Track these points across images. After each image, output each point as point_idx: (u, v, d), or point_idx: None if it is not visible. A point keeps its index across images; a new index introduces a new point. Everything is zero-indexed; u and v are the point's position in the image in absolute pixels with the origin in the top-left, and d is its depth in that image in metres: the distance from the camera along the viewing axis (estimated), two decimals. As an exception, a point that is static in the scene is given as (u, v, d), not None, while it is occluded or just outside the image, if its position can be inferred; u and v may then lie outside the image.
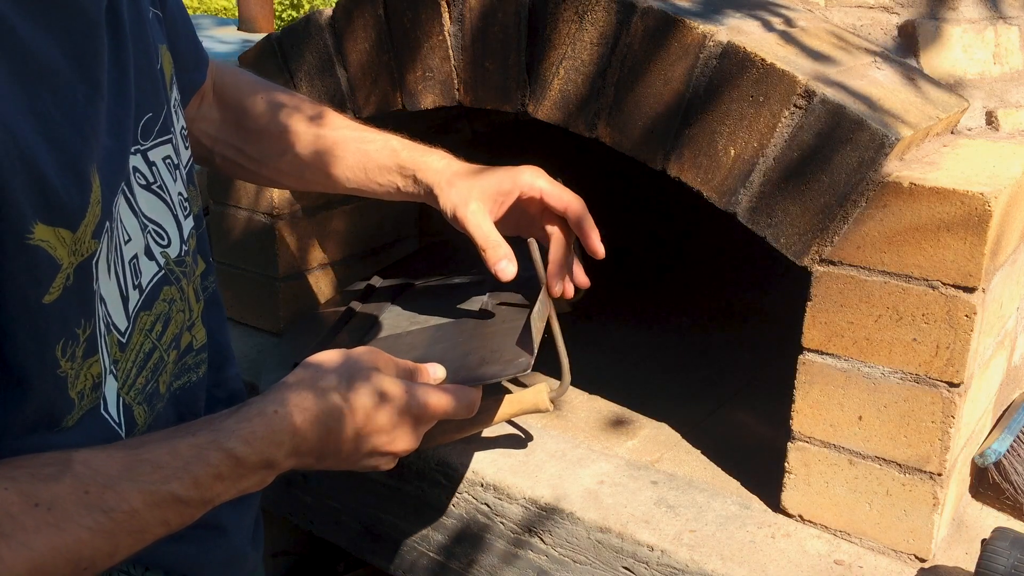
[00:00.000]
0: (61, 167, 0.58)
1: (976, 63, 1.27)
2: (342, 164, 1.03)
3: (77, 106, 0.61)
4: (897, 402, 0.98)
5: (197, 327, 0.81)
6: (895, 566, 1.01)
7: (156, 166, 0.75)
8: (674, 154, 1.08)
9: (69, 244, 0.59)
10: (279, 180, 1.09)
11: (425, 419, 0.82)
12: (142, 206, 0.73)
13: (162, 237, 0.75)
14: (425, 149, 1.04)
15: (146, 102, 0.73)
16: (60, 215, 0.58)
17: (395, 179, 1.04)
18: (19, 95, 0.56)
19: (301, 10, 7.27)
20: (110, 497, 0.59)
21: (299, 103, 1.05)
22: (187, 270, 0.79)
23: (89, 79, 0.62)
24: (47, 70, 0.58)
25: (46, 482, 0.57)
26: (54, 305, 0.59)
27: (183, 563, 0.77)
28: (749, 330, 1.65)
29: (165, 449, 0.64)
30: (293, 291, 1.55)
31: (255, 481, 0.71)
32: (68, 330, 0.61)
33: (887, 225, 0.95)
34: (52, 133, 0.58)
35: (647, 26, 1.07)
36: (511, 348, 0.99)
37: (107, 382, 0.67)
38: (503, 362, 0.96)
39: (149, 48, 0.74)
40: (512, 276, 1.00)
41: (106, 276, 0.66)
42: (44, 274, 0.58)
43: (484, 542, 1.21)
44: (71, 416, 0.64)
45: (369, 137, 1.04)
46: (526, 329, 1.00)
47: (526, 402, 1.09)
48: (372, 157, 1.03)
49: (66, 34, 0.60)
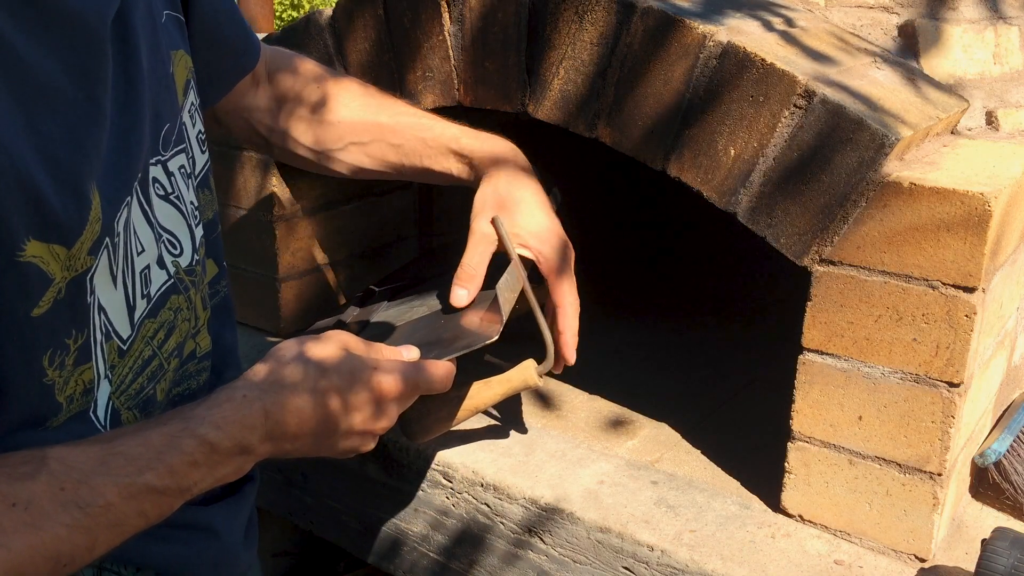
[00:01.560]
0: (59, 185, 0.58)
1: (976, 63, 1.27)
2: (399, 152, 1.04)
3: (78, 123, 0.60)
4: (897, 402, 0.98)
5: (202, 335, 0.81)
6: (895, 566, 1.01)
7: (174, 176, 0.75)
8: (674, 154, 1.08)
9: (63, 260, 0.59)
10: (336, 169, 1.09)
11: (397, 394, 0.81)
12: (159, 216, 0.73)
13: (175, 246, 0.75)
14: (486, 136, 1.05)
15: (163, 112, 0.72)
16: (56, 232, 0.58)
17: (451, 164, 1.05)
18: (17, 114, 0.56)
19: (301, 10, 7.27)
20: (85, 492, 0.59)
21: (354, 90, 1.04)
22: (196, 279, 0.79)
23: (91, 96, 0.62)
24: (47, 88, 0.58)
25: (22, 481, 0.57)
26: (42, 318, 0.59)
27: (174, 564, 0.76)
28: (749, 330, 1.65)
29: (138, 440, 0.64)
30: (293, 291, 1.55)
31: (232, 468, 0.70)
32: (57, 341, 0.61)
33: (887, 225, 0.95)
34: (50, 151, 0.57)
35: (647, 26, 1.07)
36: (480, 321, 0.99)
37: (100, 386, 0.67)
38: (473, 334, 0.96)
39: (163, 55, 0.73)
40: (462, 304, 1.03)
41: (110, 287, 0.66)
42: (34, 288, 0.58)
43: (484, 542, 1.21)
44: (57, 418, 0.64)
45: (427, 124, 1.05)
46: (494, 300, 1.00)
47: (515, 380, 1.09)
48: (429, 144, 1.04)
49: (68, 51, 0.59)
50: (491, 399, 1.11)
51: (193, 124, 0.80)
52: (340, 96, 1.03)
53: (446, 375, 0.88)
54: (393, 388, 0.79)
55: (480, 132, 1.06)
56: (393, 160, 1.05)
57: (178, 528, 0.75)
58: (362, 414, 0.78)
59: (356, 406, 0.77)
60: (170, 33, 0.76)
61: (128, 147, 0.67)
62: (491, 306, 1.01)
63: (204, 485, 0.68)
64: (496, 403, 1.12)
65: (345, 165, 1.08)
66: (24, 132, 0.56)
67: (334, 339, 0.80)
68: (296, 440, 0.74)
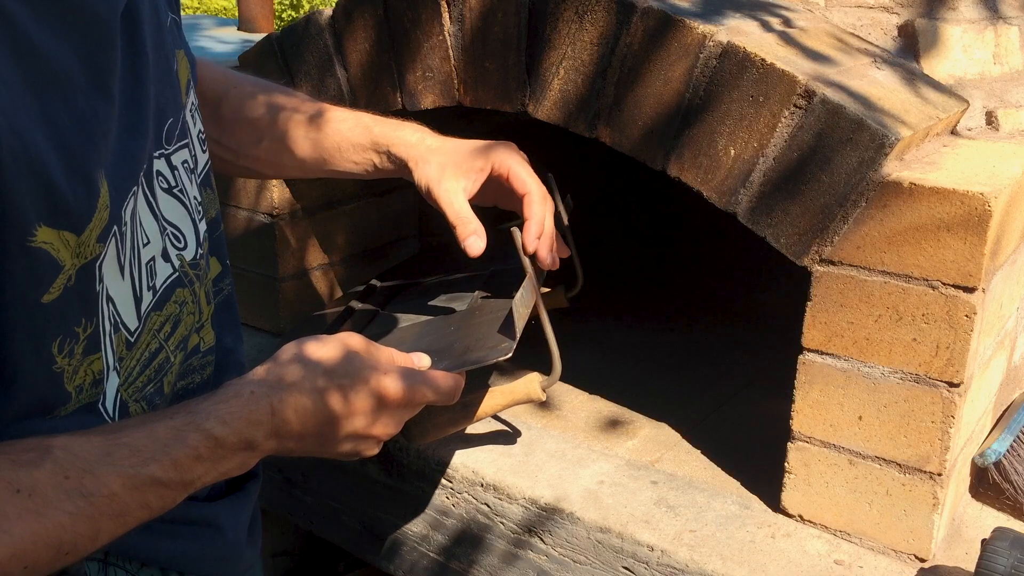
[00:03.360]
0: (70, 171, 0.58)
1: (976, 63, 1.27)
2: (317, 146, 1.03)
3: (87, 112, 0.61)
4: (897, 402, 0.98)
5: (206, 330, 0.82)
6: (895, 566, 1.01)
7: (177, 170, 0.76)
8: (674, 154, 1.08)
9: (73, 247, 0.60)
10: (259, 169, 1.08)
11: (405, 402, 0.81)
12: (163, 209, 0.73)
13: (179, 240, 0.76)
14: (398, 123, 1.04)
15: (167, 107, 0.73)
16: (66, 218, 0.59)
17: (370, 156, 1.03)
18: (31, 100, 0.56)
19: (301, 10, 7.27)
20: (89, 482, 0.60)
21: (270, 91, 1.04)
22: (200, 273, 0.79)
23: (101, 85, 0.62)
24: (59, 75, 0.59)
25: (26, 468, 0.58)
26: (53, 304, 0.60)
27: (178, 560, 0.77)
28: (749, 330, 1.65)
29: (143, 433, 0.64)
30: (293, 291, 1.55)
31: (236, 463, 0.70)
32: (67, 328, 0.62)
33: (887, 225, 0.95)
34: (62, 138, 0.58)
35: (647, 26, 1.07)
36: (494, 335, 0.99)
37: (109, 379, 0.67)
38: (486, 348, 0.96)
39: (168, 53, 0.74)
40: (480, 251, 0.99)
41: (118, 278, 0.66)
42: (45, 275, 0.59)
43: (484, 542, 1.21)
44: (66, 407, 0.65)
45: (341, 116, 1.04)
46: (509, 315, 1.00)
47: (518, 392, 1.09)
48: (346, 136, 1.03)
49: (80, 40, 0.60)
50: (492, 409, 1.11)
51: (194, 123, 0.80)
52: (255, 99, 1.02)
53: (455, 387, 0.87)
54: (396, 392, 0.79)
55: (391, 119, 1.05)
56: (312, 156, 1.03)
57: (183, 524, 0.76)
58: (369, 419, 0.78)
59: (364, 410, 0.77)
60: (174, 34, 0.77)
61: (135, 138, 0.68)
62: (505, 320, 1.00)
63: (208, 479, 0.68)
64: (497, 412, 1.12)
65: (266, 165, 1.06)
66: (38, 118, 0.57)
67: (346, 340, 0.80)
68: (301, 439, 0.75)
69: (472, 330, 1.04)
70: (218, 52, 4.47)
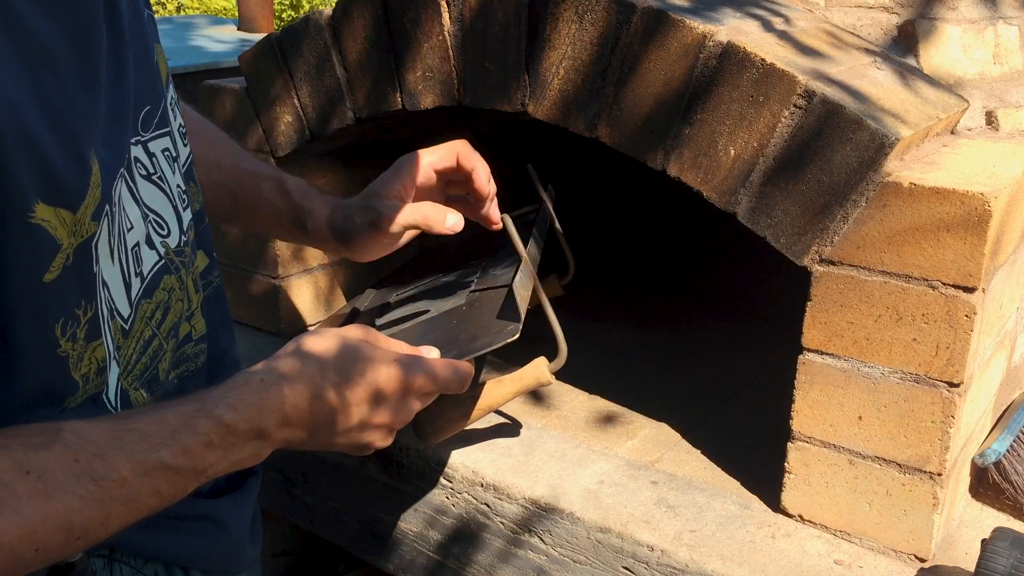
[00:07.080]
0: (63, 148, 0.59)
1: (976, 63, 1.27)
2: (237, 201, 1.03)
3: (77, 91, 0.62)
4: (897, 402, 0.98)
5: (196, 317, 0.82)
6: (895, 566, 1.01)
7: (156, 157, 0.76)
8: (674, 154, 1.08)
9: (69, 225, 0.60)
10: None
11: (417, 390, 0.81)
12: (143, 196, 0.73)
13: (162, 227, 0.76)
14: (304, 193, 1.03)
15: (145, 95, 0.74)
16: (62, 195, 0.59)
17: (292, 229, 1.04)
18: (24, 77, 0.57)
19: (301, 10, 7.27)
20: (99, 465, 0.60)
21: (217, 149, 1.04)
22: (186, 260, 0.79)
23: (88, 66, 0.63)
24: (50, 54, 0.59)
25: (36, 450, 0.58)
26: (53, 284, 0.60)
27: (182, 555, 0.77)
28: (749, 330, 1.65)
29: (153, 419, 0.65)
30: (293, 291, 1.55)
31: (249, 453, 0.70)
32: (68, 310, 0.62)
33: (887, 225, 0.95)
34: (54, 115, 0.59)
35: (647, 26, 1.07)
36: (498, 320, 0.99)
37: (111, 368, 0.68)
38: (492, 333, 0.96)
39: (147, 44, 0.75)
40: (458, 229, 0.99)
41: (109, 261, 0.67)
42: (45, 253, 0.59)
43: (483, 542, 1.21)
44: (74, 398, 0.65)
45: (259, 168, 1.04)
46: (510, 298, 1.00)
47: (527, 378, 1.09)
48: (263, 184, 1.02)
49: (67, 20, 0.61)
50: (504, 398, 1.10)
51: (175, 117, 0.80)
52: None
53: (466, 376, 0.87)
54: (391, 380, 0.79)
55: None
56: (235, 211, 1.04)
57: (187, 520, 0.76)
58: (381, 408, 0.78)
59: (376, 398, 0.78)
60: (152, 27, 0.78)
61: (119, 120, 0.68)
62: (505, 304, 1.00)
63: (220, 468, 0.68)
64: (508, 401, 1.11)
65: None
66: (31, 95, 0.57)
67: (358, 332, 0.80)
68: (314, 431, 0.75)
69: (475, 319, 1.04)
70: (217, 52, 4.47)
